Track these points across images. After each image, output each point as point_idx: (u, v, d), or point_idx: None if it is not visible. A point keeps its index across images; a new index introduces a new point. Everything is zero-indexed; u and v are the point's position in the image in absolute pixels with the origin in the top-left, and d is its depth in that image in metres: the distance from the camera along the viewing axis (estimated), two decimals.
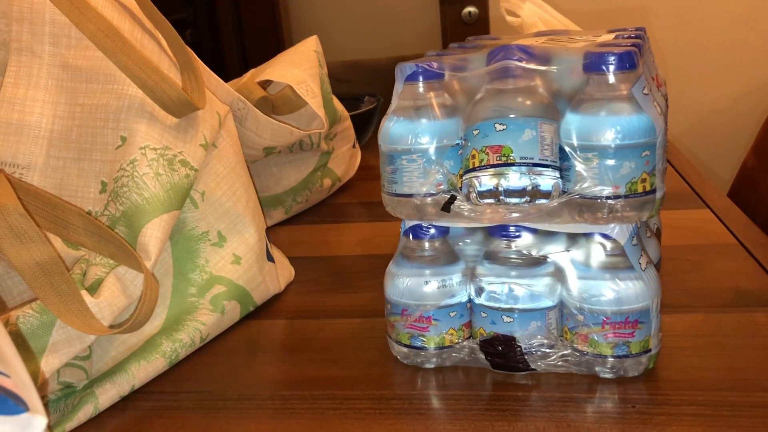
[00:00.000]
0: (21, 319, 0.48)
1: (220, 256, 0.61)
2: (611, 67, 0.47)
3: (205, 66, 0.66)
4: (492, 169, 0.49)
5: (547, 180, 0.48)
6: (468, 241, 0.55)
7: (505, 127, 0.48)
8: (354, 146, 1.01)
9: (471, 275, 0.53)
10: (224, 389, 0.54)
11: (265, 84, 0.86)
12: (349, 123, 0.97)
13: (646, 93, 0.48)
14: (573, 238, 0.51)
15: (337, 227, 0.89)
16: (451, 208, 0.51)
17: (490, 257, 0.52)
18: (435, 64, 0.52)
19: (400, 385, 0.53)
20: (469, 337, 0.54)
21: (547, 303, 0.51)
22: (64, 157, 0.55)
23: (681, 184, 0.92)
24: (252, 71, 0.91)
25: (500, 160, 0.48)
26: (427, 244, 0.54)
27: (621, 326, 0.49)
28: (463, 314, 0.54)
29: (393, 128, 0.52)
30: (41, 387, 0.50)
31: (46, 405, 0.51)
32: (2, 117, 0.54)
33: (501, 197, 0.49)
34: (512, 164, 0.48)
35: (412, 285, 0.54)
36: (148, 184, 0.54)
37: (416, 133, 0.51)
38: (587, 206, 0.48)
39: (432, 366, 0.55)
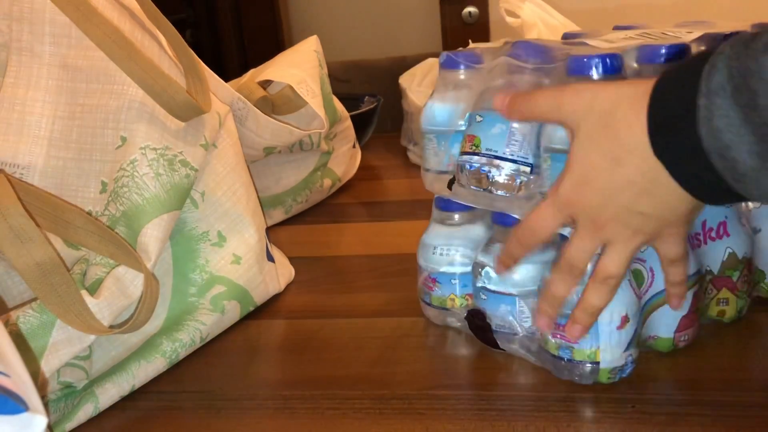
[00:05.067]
0: (21, 319, 0.48)
1: (220, 256, 0.61)
2: (590, 72, 0.47)
3: (206, 66, 0.66)
4: (464, 156, 0.52)
5: (505, 173, 0.50)
6: (485, 220, 0.58)
7: (481, 119, 0.51)
8: (354, 146, 1.01)
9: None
10: (224, 389, 0.54)
11: (265, 84, 0.86)
12: (349, 123, 0.97)
13: None
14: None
15: (337, 227, 0.89)
16: (453, 188, 0.56)
17: (489, 240, 0.56)
18: (463, 56, 0.56)
19: (400, 385, 0.53)
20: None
21: (513, 291, 0.52)
22: (64, 157, 0.55)
23: None
24: (252, 71, 0.91)
25: (471, 149, 0.52)
26: (444, 215, 0.59)
27: (564, 329, 0.49)
28: (467, 285, 0.57)
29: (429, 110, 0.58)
30: (41, 387, 0.50)
31: (46, 405, 0.51)
32: (2, 117, 0.54)
33: (463, 183, 0.53)
34: (476, 154, 0.51)
35: (424, 248, 0.59)
36: (148, 184, 0.54)
37: (433, 115, 0.57)
38: None
39: (437, 323, 0.60)
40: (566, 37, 0.62)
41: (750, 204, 0.57)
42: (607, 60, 0.47)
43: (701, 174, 0.40)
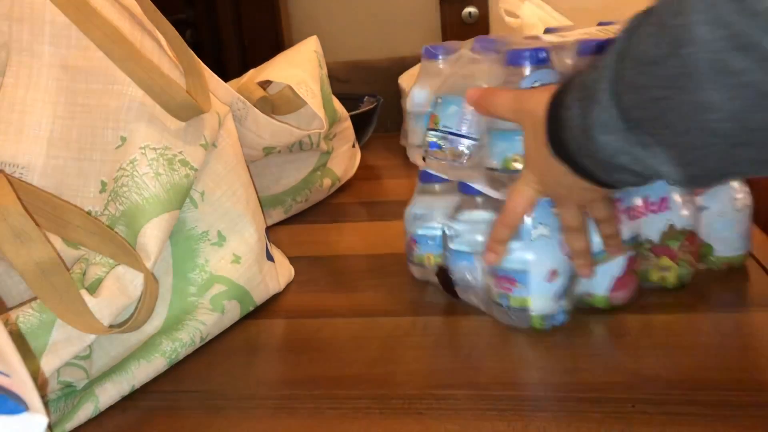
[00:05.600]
0: (21, 319, 0.48)
1: (219, 256, 0.61)
2: (520, 63, 0.57)
3: (205, 66, 0.66)
4: (429, 132, 0.62)
5: (459, 147, 0.60)
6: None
7: (441, 101, 0.61)
8: (354, 146, 1.01)
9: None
10: (224, 389, 0.54)
11: (265, 84, 0.86)
12: (348, 123, 0.97)
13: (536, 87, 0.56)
14: None
15: (337, 227, 0.89)
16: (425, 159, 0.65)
17: (456, 207, 0.64)
18: (441, 48, 0.65)
19: (400, 385, 0.53)
20: None
21: (469, 249, 0.61)
22: (64, 157, 0.55)
23: None
24: (252, 71, 0.91)
25: (433, 126, 0.62)
26: (425, 186, 0.67)
27: (502, 280, 0.58)
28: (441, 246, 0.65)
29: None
30: (41, 386, 0.50)
31: (46, 405, 0.51)
32: (2, 117, 0.54)
33: (428, 154, 0.63)
34: (435, 130, 0.61)
35: (409, 213, 0.68)
36: (148, 184, 0.54)
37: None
38: (488, 175, 0.59)
39: (418, 278, 0.69)
40: (546, 31, 0.70)
41: None
42: (535, 53, 0.56)
43: (587, 171, 0.48)
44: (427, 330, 0.60)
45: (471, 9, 2.16)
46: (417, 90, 0.67)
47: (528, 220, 0.56)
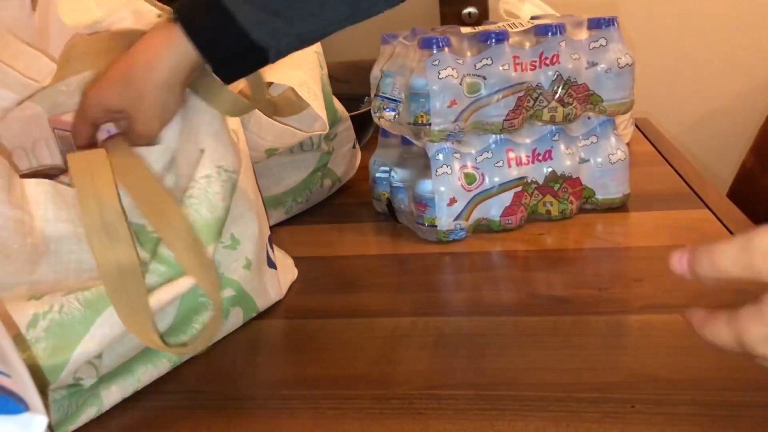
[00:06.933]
0: (65, 309, 0.48)
1: (232, 258, 0.61)
2: (423, 47, 0.74)
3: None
4: (374, 98, 0.83)
5: (390, 107, 0.80)
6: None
7: (382, 75, 0.82)
8: (354, 146, 1.01)
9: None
10: (224, 389, 0.55)
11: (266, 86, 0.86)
12: (349, 123, 0.97)
13: (435, 64, 0.73)
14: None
15: (337, 227, 0.89)
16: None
17: (400, 155, 0.85)
18: (403, 35, 0.81)
19: (400, 385, 0.53)
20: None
21: (402, 185, 0.83)
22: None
23: (680, 184, 0.92)
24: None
25: (379, 93, 0.82)
26: (383, 141, 0.89)
27: (419, 205, 0.78)
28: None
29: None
30: (61, 380, 0.49)
31: (47, 405, 0.51)
32: None
33: (377, 113, 0.83)
34: (377, 96, 0.82)
35: (371, 162, 0.90)
36: (218, 205, 0.56)
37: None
38: (409, 128, 0.78)
39: (378, 210, 0.90)
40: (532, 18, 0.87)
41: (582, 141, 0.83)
42: (437, 40, 0.73)
43: None
44: (427, 330, 0.60)
45: (471, 9, 2.16)
46: (375, 68, 0.85)
47: (435, 162, 0.76)
